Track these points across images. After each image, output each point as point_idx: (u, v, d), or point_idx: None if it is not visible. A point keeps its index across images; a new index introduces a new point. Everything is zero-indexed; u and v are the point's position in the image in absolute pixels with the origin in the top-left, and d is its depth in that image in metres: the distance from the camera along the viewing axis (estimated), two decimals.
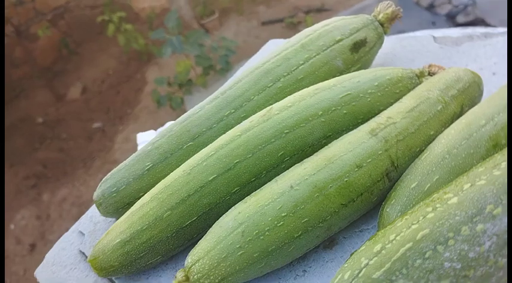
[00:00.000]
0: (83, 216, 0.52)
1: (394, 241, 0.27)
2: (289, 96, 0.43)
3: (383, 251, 0.27)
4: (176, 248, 0.40)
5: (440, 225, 0.26)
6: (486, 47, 0.53)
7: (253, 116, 0.42)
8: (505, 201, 0.26)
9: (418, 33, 0.61)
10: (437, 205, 0.28)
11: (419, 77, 0.45)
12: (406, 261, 0.26)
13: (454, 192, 0.28)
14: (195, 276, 0.35)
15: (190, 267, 0.35)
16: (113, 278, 0.43)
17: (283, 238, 0.34)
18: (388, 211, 0.34)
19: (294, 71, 0.47)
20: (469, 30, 0.59)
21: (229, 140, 0.40)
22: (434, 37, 0.58)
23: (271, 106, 0.42)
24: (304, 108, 0.41)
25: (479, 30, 0.58)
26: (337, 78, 0.44)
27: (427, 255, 0.26)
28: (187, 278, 0.35)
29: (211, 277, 0.35)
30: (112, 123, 1.79)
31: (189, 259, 0.36)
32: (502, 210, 0.26)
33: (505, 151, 0.30)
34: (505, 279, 0.26)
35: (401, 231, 0.28)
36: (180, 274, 0.36)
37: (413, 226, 0.27)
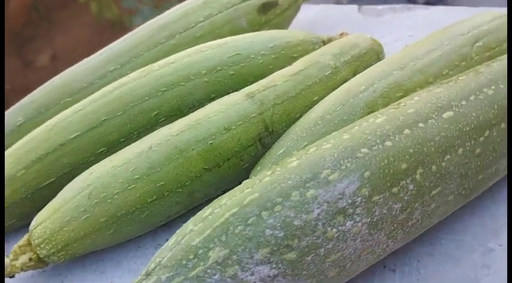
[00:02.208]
0: None
1: (223, 206, 0.24)
2: (176, 54, 0.39)
3: (210, 216, 0.24)
4: (34, 212, 0.36)
5: (271, 189, 0.24)
6: (406, 19, 0.50)
7: (134, 72, 0.39)
8: (344, 167, 0.24)
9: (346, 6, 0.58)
10: (278, 169, 0.25)
11: (325, 43, 0.42)
12: (227, 228, 0.23)
13: (298, 156, 0.25)
14: (36, 241, 0.31)
15: (32, 231, 0.32)
16: None
17: (135, 203, 0.31)
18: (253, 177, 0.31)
19: (191, 28, 0.43)
20: (397, 5, 0.56)
21: (100, 95, 0.37)
22: (359, 7, 0.55)
23: (154, 63, 0.39)
24: (187, 65, 0.37)
25: (405, 5, 0.56)
26: (231, 37, 0.40)
27: (249, 221, 0.23)
28: (29, 243, 0.32)
29: (53, 243, 0.31)
30: None
31: (33, 222, 0.32)
32: (338, 175, 0.23)
33: (367, 117, 0.27)
34: (336, 253, 0.23)
35: (234, 194, 0.25)
36: (23, 239, 0.32)
37: (246, 190, 0.24)
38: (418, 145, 0.24)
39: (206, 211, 0.25)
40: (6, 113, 0.43)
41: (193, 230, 0.24)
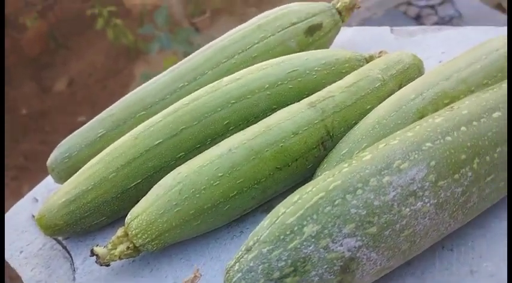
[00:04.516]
0: (39, 184, 0.53)
1: (310, 192, 0.29)
2: (240, 71, 0.45)
3: (299, 201, 0.29)
4: (121, 210, 0.41)
5: (351, 177, 0.28)
6: (437, 38, 0.56)
7: (204, 87, 0.44)
8: (412, 157, 0.28)
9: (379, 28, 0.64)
10: (353, 162, 0.30)
11: (367, 61, 0.47)
12: (317, 208, 0.28)
13: (370, 150, 0.30)
14: (133, 232, 0.36)
15: (129, 223, 0.37)
16: (61, 239, 0.44)
17: (219, 197, 0.36)
18: (319, 175, 0.36)
19: (248, 49, 0.49)
20: (426, 26, 0.62)
21: (178, 107, 0.42)
22: (391, 29, 0.60)
23: (222, 79, 0.44)
24: (252, 81, 0.42)
25: (436, 26, 0.61)
26: (287, 56, 0.46)
27: (336, 203, 0.27)
28: (125, 234, 0.37)
29: (149, 233, 0.36)
30: None
31: (129, 215, 0.37)
32: (408, 165, 0.28)
33: (425, 118, 0.32)
34: (409, 228, 0.28)
35: (318, 183, 0.29)
36: (119, 231, 0.37)
37: (328, 179, 0.29)
38: (474, 140, 0.29)
39: (294, 197, 0.30)
40: (86, 126, 0.48)
41: (285, 212, 0.29)
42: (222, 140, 0.40)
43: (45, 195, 0.50)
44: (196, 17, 2.15)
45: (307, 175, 0.39)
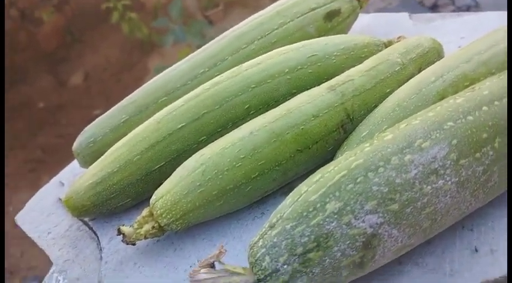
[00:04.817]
0: (65, 168, 0.55)
1: (331, 171, 0.30)
2: (259, 56, 0.45)
3: (321, 179, 0.29)
4: (145, 192, 0.42)
5: (373, 156, 0.29)
6: (456, 23, 0.55)
7: (224, 72, 0.45)
8: (434, 137, 0.29)
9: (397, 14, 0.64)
10: (375, 141, 0.30)
11: (386, 46, 0.47)
12: (339, 186, 0.28)
13: (391, 131, 0.31)
14: (158, 211, 0.37)
15: (154, 204, 0.38)
16: (87, 220, 0.46)
17: (241, 178, 0.37)
18: (340, 156, 0.37)
19: (268, 34, 0.50)
20: (444, 13, 0.61)
21: (199, 92, 0.43)
22: (410, 15, 0.60)
23: (242, 64, 0.45)
24: (272, 65, 0.43)
25: (455, 12, 0.61)
26: (307, 41, 0.46)
27: (358, 180, 0.28)
28: (151, 214, 0.38)
29: (173, 213, 0.37)
30: None
31: (154, 196, 0.38)
32: (429, 143, 0.29)
33: (446, 99, 0.32)
34: (430, 206, 0.28)
35: (339, 162, 0.30)
36: (145, 211, 0.38)
37: (350, 158, 0.30)
38: (495, 119, 0.29)
39: (316, 176, 0.30)
40: (109, 113, 0.50)
41: (307, 191, 0.29)
42: (243, 123, 0.41)
43: (71, 179, 0.52)
44: (209, 10, 2.15)
45: (327, 158, 0.40)
